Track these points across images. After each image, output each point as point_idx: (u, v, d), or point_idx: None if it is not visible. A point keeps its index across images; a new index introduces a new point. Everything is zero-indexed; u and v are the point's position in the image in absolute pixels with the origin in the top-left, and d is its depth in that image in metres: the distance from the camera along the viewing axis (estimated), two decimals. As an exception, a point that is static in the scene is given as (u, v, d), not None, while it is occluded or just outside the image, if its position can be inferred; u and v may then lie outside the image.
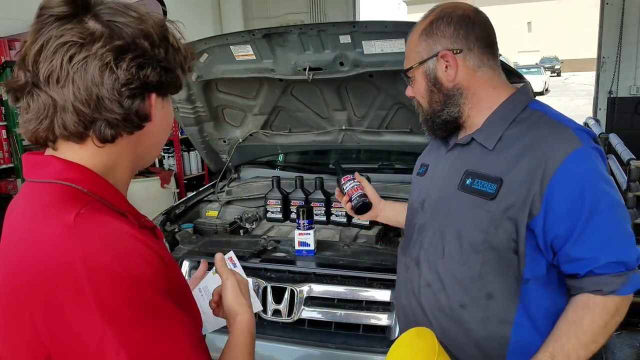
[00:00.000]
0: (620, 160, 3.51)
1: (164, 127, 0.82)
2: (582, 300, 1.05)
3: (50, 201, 0.70)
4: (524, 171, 1.05)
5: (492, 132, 1.14)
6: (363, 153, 3.01)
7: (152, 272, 0.67)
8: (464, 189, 1.14)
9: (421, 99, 1.22)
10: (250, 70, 2.32)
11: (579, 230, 1.02)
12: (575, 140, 1.04)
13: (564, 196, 1.02)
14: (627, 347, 2.95)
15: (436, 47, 1.16)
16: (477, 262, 1.11)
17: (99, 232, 0.67)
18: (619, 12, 5.61)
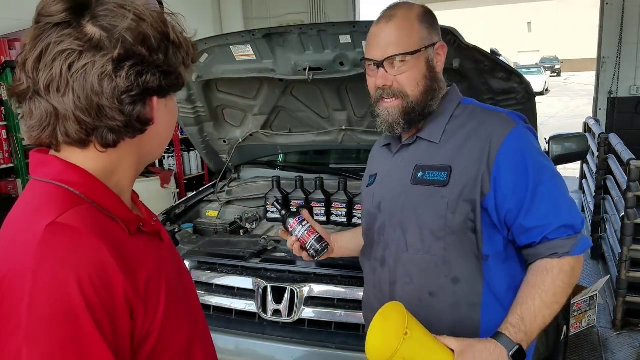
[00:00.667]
0: (620, 160, 3.51)
1: (167, 126, 0.81)
2: (540, 265, 1.12)
3: (42, 201, 0.70)
4: (470, 154, 1.14)
5: (435, 128, 1.22)
6: (363, 153, 3.01)
7: (95, 302, 0.64)
8: (416, 182, 1.20)
9: (413, 87, 1.19)
10: (250, 70, 2.32)
11: (528, 201, 1.10)
12: (510, 121, 1.16)
13: (509, 172, 1.11)
14: (627, 347, 2.95)
15: (435, 38, 1.22)
16: (439, 249, 1.16)
17: (62, 248, 0.65)
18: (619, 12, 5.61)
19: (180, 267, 0.92)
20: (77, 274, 0.63)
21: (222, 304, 1.96)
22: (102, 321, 0.64)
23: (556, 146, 2.52)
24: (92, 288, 0.63)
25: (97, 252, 0.66)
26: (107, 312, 0.65)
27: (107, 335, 0.64)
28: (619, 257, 3.09)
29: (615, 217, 3.46)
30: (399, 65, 1.18)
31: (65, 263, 0.64)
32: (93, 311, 0.63)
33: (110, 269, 0.66)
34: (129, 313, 0.68)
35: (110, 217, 0.73)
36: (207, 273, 2.03)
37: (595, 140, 4.38)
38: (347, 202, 2.42)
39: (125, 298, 0.67)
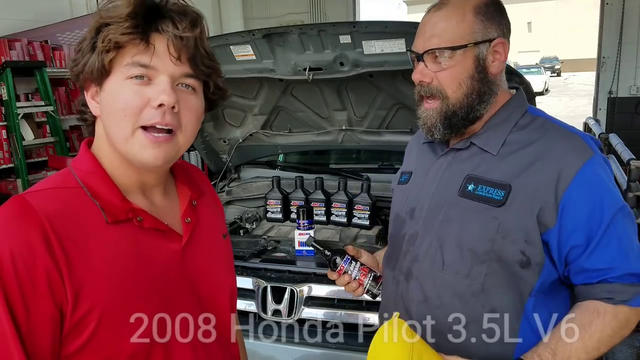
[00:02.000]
0: (620, 160, 3.51)
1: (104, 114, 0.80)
2: (592, 306, 1.00)
3: (47, 178, 0.81)
4: (535, 178, 1.00)
5: (494, 137, 1.07)
6: (363, 153, 3.01)
7: (9, 271, 0.68)
8: (465, 195, 1.06)
9: (455, 86, 1.05)
10: (250, 71, 2.32)
11: (596, 240, 0.98)
12: (588, 149, 1.01)
13: (582, 206, 0.98)
14: (627, 347, 2.95)
15: (492, 33, 1.05)
16: (480, 274, 1.03)
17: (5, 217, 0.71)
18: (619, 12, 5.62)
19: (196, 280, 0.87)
20: (1, 244, 0.69)
21: (222, 304, 1.96)
22: (11, 290, 0.68)
23: (556, 146, 2.52)
24: (9, 258, 0.68)
25: (30, 229, 0.70)
26: (20, 285, 0.68)
27: (13, 304, 0.68)
28: (619, 257, 3.08)
29: (615, 217, 3.45)
30: (441, 60, 1.04)
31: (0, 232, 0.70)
32: (3, 278, 0.68)
33: (36, 248, 0.69)
34: (52, 298, 0.70)
35: (94, 203, 0.77)
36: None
37: (595, 140, 4.38)
38: (347, 202, 2.42)
39: (47, 281, 0.70)
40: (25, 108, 4.27)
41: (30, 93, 4.47)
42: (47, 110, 4.38)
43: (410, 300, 1.12)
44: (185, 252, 0.85)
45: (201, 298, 0.88)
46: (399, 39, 1.92)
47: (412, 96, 1.15)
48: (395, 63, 1.99)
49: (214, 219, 0.97)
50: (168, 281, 0.82)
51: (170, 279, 0.82)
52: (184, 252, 0.85)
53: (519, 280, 1.02)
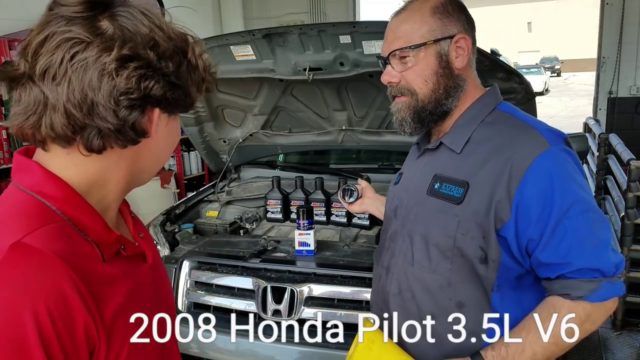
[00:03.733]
0: (620, 160, 3.51)
1: (166, 145, 0.76)
2: (550, 301, 1.02)
3: (13, 213, 0.66)
4: (489, 174, 1.02)
5: (460, 135, 1.10)
6: (363, 153, 3.01)
7: (51, 336, 0.59)
8: (432, 194, 1.10)
9: (422, 83, 1.09)
10: (250, 71, 2.32)
11: (548, 234, 0.98)
12: (543, 141, 1.01)
13: (533, 200, 0.98)
14: (627, 347, 2.95)
15: (452, 29, 1.08)
16: (446, 270, 1.07)
17: (22, 274, 0.59)
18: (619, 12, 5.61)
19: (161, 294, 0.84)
20: (34, 304, 0.58)
21: (222, 304, 1.96)
22: (56, 356, 0.59)
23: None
24: (49, 321, 0.58)
25: (59, 281, 0.60)
26: (63, 349, 0.59)
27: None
28: (619, 257, 3.08)
29: (615, 217, 3.46)
30: (406, 60, 1.09)
31: (23, 291, 0.58)
32: (47, 346, 0.58)
33: (72, 301, 0.61)
34: (88, 351, 0.63)
35: (85, 239, 0.67)
36: (207, 273, 2.03)
37: (595, 140, 4.39)
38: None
39: (86, 334, 0.62)
40: (25, 108, 4.27)
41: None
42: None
43: (388, 293, 1.18)
44: (152, 270, 0.81)
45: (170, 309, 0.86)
46: (399, 39, 1.92)
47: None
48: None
49: (149, 235, 0.89)
50: (152, 297, 0.79)
51: (151, 295, 0.79)
52: (151, 270, 0.81)
53: (480, 275, 1.05)
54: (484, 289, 1.06)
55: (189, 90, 0.72)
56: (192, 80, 0.72)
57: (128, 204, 0.84)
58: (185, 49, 0.71)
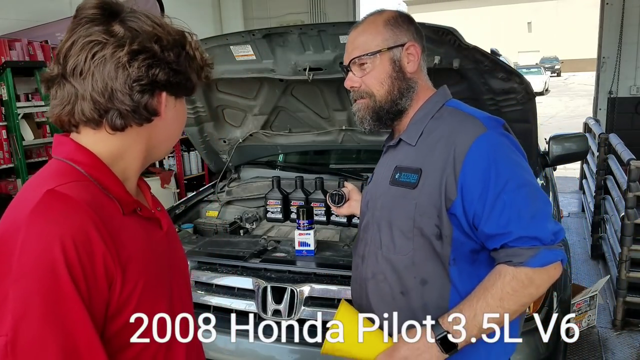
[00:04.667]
0: (620, 160, 3.51)
1: (175, 125, 0.91)
2: (496, 269, 1.12)
3: (49, 174, 0.81)
4: (437, 159, 1.15)
5: (414, 130, 1.24)
6: (363, 153, 3.01)
7: (75, 261, 0.72)
8: (393, 183, 1.24)
9: (378, 86, 1.23)
10: (250, 71, 2.32)
11: (488, 208, 1.10)
12: (481, 126, 1.14)
13: (474, 178, 1.11)
14: (627, 347, 2.95)
15: (403, 38, 1.23)
16: (409, 249, 1.19)
17: (54, 211, 0.73)
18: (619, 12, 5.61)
19: (176, 262, 0.98)
20: (62, 234, 0.71)
21: (222, 304, 1.96)
22: (78, 279, 0.72)
23: (556, 146, 2.52)
24: (73, 249, 0.71)
25: (83, 219, 0.74)
26: (85, 272, 0.72)
27: (82, 292, 0.72)
28: (619, 258, 3.09)
29: (615, 217, 3.46)
30: (364, 67, 1.23)
31: (54, 224, 0.72)
32: (71, 268, 0.71)
33: (92, 236, 0.74)
34: (107, 282, 0.76)
35: (108, 196, 0.82)
36: (207, 273, 2.03)
37: (595, 140, 4.39)
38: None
39: (104, 266, 0.75)
40: (25, 108, 4.27)
41: (30, 93, 4.47)
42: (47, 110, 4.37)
43: (364, 278, 1.30)
44: (167, 237, 0.95)
45: (185, 277, 1.02)
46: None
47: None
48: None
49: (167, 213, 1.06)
50: (166, 260, 0.92)
51: (166, 258, 0.92)
52: (167, 236, 0.95)
53: (438, 252, 1.17)
54: (442, 264, 1.17)
55: (190, 76, 0.88)
56: (192, 68, 0.88)
57: (149, 186, 1.00)
58: (183, 42, 0.86)
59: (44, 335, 0.70)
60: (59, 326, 0.70)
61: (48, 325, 0.70)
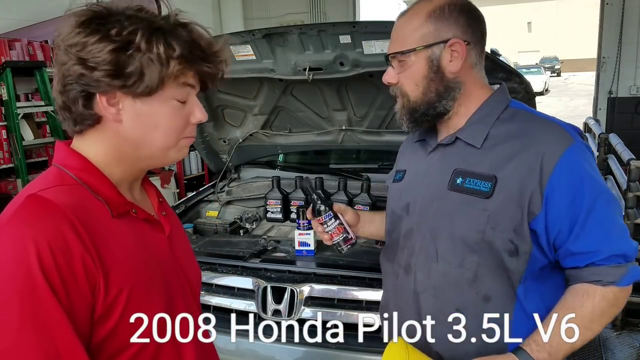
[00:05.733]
0: (620, 160, 3.51)
1: (139, 128, 0.83)
2: (581, 289, 1.05)
3: (40, 179, 0.82)
4: (519, 168, 1.05)
5: (477, 131, 1.12)
6: (363, 153, 3.01)
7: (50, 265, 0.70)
8: (454, 189, 1.11)
9: (413, 86, 1.13)
10: (250, 70, 2.32)
11: (580, 225, 1.03)
12: (568, 136, 1.06)
13: (563, 192, 1.02)
14: (627, 347, 2.95)
15: (446, 34, 1.09)
16: (473, 263, 1.08)
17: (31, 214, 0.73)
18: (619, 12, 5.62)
19: (181, 264, 0.96)
20: (37, 238, 0.70)
21: (222, 304, 1.96)
22: (55, 283, 0.70)
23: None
24: (49, 252, 0.70)
25: (60, 222, 0.73)
26: (62, 277, 0.71)
27: (60, 297, 0.71)
28: (619, 257, 3.08)
29: (615, 217, 3.45)
30: (401, 63, 1.13)
31: (28, 227, 0.72)
32: (47, 273, 0.70)
33: (70, 239, 0.73)
34: (89, 286, 0.74)
35: (97, 199, 0.81)
36: (207, 273, 2.03)
37: (595, 140, 4.39)
38: (347, 202, 2.42)
39: (84, 269, 0.73)
40: (25, 108, 4.27)
41: (30, 93, 4.47)
42: (47, 110, 4.38)
43: (410, 291, 1.18)
44: (169, 241, 0.93)
45: (189, 281, 0.98)
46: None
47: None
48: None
49: (176, 217, 1.06)
50: (166, 265, 0.90)
51: (166, 262, 0.90)
52: (169, 240, 0.93)
53: (508, 268, 1.07)
54: (511, 281, 1.08)
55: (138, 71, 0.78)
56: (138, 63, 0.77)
57: (158, 190, 1.00)
58: (131, 39, 0.77)
59: (24, 342, 0.69)
60: (38, 333, 0.69)
61: (27, 332, 0.69)
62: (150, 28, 0.78)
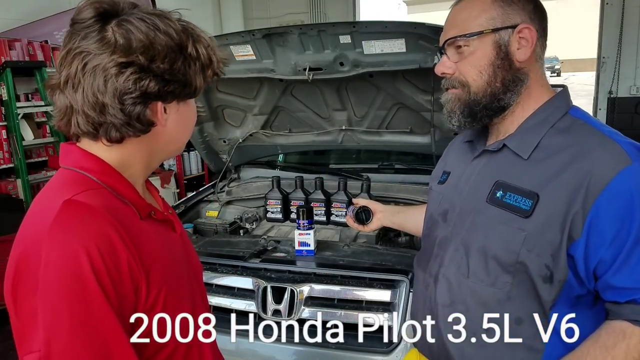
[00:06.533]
0: (620, 160, 3.50)
1: (178, 128, 0.88)
2: (618, 327, 0.95)
3: (61, 184, 0.80)
4: (564, 188, 0.94)
5: (527, 139, 1.02)
6: (363, 153, 3.01)
7: (101, 268, 0.71)
8: (493, 202, 1.02)
9: (476, 74, 1.02)
10: (250, 70, 2.32)
11: (623, 257, 0.92)
12: (625, 156, 0.93)
13: (609, 218, 0.91)
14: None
15: (515, 18, 1.00)
16: (506, 284, 1.00)
17: (74, 220, 0.72)
18: (619, 12, 5.62)
19: (191, 262, 0.98)
20: (85, 242, 0.70)
21: (222, 304, 1.96)
22: (106, 286, 0.71)
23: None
24: (98, 255, 0.71)
25: (105, 226, 0.73)
26: (112, 279, 0.72)
27: (111, 300, 0.71)
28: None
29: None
30: (460, 50, 1.03)
31: (76, 233, 0.71)
32: (98, 275, 0.70)
33: (116, 242, 0.73)
34: (132, 287, 0.75)
35: (122, 201, 0.81)
36: (207, 273, 2.03)
37: (595, 140, 4.38)
38: (347, 202, 2.42)
39: (129, 270, 0.74)
40: (25, 108, 4.27)
41: (30, 93, 4.47)
42: (47, 110, 4.38)
43: (437, 303, 1.11)
44: (182, 239, 0.96)
45: (198, 280, 1.01)
46: (399, 39, 1.92)
47: (412, 96, 1.16)
48: (395, 63, 1.99)
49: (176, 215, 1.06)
50: (183, 264, 0.92)
51: (184, 260, 0.92)
52: (181, 238, 0.95)
53: (540, 294, 0.99)
54: (542, 305, 1.00)
55: (190, 79, 0.83)
56: (193, 70, 0.83)
57: (156, 188, 1.00)
58: (184, 43, 0.81)
59: (77, 346, 0.69)
60: (91, 336, 0.70)
61: (80, 336, 0.69)
62: (189, 34, 0.82)
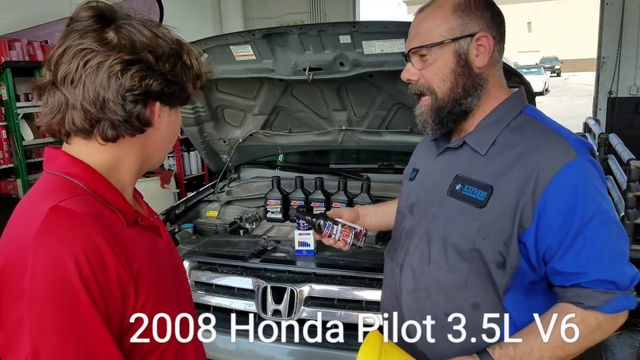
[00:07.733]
0: (620, 160, 3.51)
1: (168, 134, 0.89)
2: (563, 307, 1.02)
3: (47, 190, 0.79)
4: (515, 180, 1.01)
5: (485, 137, 1.09)
6: (363, 153, 3.02)
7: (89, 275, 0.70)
8: (453, 195, 1.09)
9: (439, 82, 1.08)
10: (250, 71, 2.32)
11: (567, 244, 0.99)
12: (571, 151, 1.00)
13: (557, 208, 0.98)
14: (627, 347, 2.95)
15: (473, 27, 1.06)
16: (463, 270, 1.07)
17: (61, 227, 0.72)
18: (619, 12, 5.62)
19: (177, 266, 0.98)
20: (73, 250, 0.70)
21: (222, 304, 1.96)
22: (94, 294, 0.71)
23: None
24: (86, 263, 0.70)
25: (92, 233, 0.73)
26: (100, 287, 0.71)
27: (99, 307, 0.71)
28: (619, 257, 3.08)
29: (615, 217, 3.45)
30: (423, 58, 1.08)
31: (63, 241, 0.70)
32: (86, 283, 0.70)
33: (103, 249, 0.73)
34: (121, 294, 0.75)
35: (109, 208, 0.80)
36: (207, 273, 2.03)
37: (595, 140, 4.38)
38: (347, 202, 2.42)
39: (117, 278, 0.74)
40: (25, 108, 4.27)
41: (30, 93, 4.47)
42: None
43: (401, 290, 1.18)
44: (167, 244, 0.95)
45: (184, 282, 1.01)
46: (399, 39, 1.92)
47: (412, 96, 1.18)
48: (395, 63, 1.99)
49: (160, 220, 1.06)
50: (169, 268, 0.92)
51: (169, 265, 0.92)
52: (167, 244, 0.95)
53: (494, 279, 1.05)
54: (497, 291, 1.06)
55: (185, 86, 0.85)
56: (187, 78, 0.85)
57: (141, 195, 0.99)
58: (180, 51, 0.84)
59: (66, 355, 0.69)
60: (79, 345, 0.70)
61: (69, 345, 0.69)
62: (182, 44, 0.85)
